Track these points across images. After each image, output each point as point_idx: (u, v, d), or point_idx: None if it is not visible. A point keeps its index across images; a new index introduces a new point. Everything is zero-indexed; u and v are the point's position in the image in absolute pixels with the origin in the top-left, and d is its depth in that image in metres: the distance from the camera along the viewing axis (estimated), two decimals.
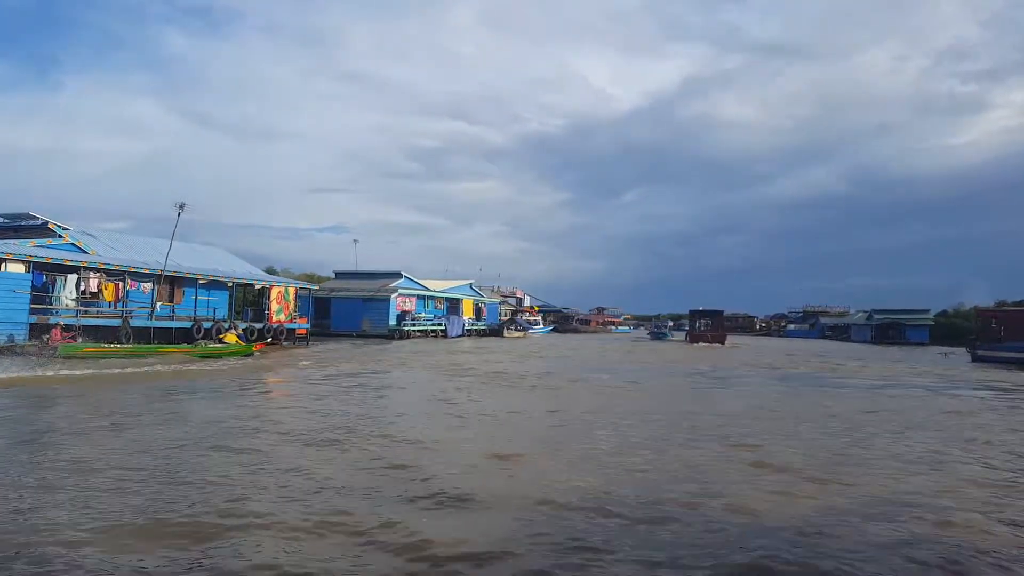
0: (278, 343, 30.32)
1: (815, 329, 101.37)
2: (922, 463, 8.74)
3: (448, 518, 5.78)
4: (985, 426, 12.48)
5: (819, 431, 11.13)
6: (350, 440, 9.06)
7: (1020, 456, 9.45)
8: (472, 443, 9.36)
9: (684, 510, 6.17)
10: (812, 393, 17.87)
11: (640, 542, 5.26)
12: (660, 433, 10.57)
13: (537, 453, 8.74)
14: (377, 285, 48.29)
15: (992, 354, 36.31)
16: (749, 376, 22.96)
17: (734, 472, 7.90)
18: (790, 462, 8.47)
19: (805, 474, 7.84)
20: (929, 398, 17.33)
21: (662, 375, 22.85)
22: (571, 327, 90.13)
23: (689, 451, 9.08)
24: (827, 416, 13.10)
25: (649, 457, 8.60)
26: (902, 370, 29.10)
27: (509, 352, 33.32)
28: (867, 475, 7.91)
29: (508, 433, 10.43)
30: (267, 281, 30.99)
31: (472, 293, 62.08)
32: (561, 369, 23.54)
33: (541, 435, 10.29)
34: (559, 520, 5.75)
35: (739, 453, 9.00)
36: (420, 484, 6.79)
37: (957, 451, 9.70)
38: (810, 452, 9.22)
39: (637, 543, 5.23)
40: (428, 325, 49.88)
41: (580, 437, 10.00)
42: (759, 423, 11.87)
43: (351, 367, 21.38)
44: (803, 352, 45.44)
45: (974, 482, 7.72)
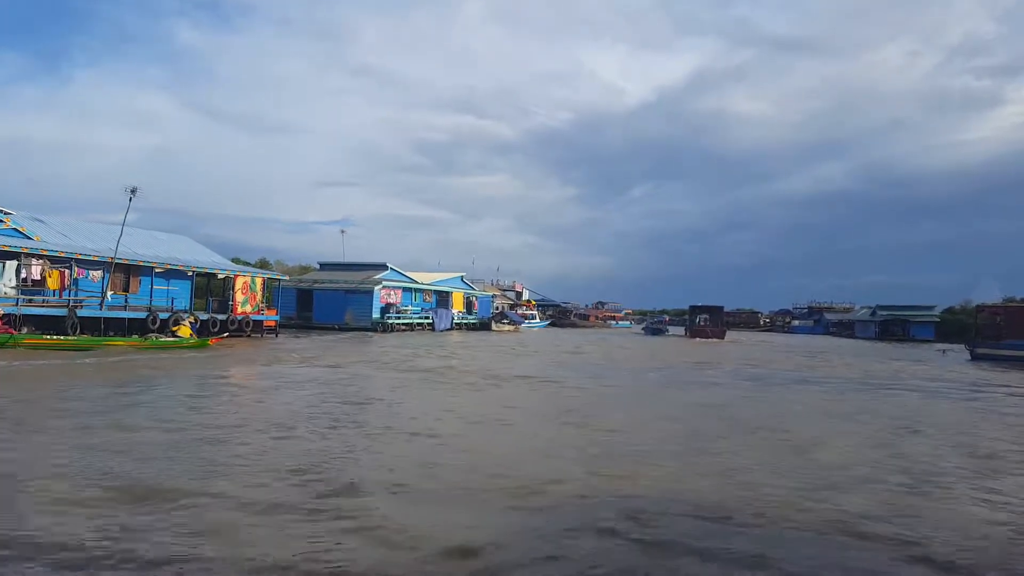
0: (243, 335, 29.32)
1: (819, 325, 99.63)
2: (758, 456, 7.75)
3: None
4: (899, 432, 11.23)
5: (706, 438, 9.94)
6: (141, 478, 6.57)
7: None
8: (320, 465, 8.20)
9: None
10: (765, 395, 16.65)
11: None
12: (548, 440, 9.40)
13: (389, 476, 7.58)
14: (361, 277, 47.28)
15: (991, 352, 34.82)
16: (717, 377, 21.72)
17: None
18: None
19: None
20: (891, 397, 16.06)
21: (621, 373, 21.65)
22: (569, 322, 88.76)
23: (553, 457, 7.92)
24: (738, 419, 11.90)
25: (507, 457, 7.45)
26: (890, 368, 27.74)
27: (485, 348, 32.21)
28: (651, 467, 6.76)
29: (390, 447, 9.28)
30: (232, 270, 29.92)
31: (463, 286, 60.93)
32: (522, 366, 22.37)
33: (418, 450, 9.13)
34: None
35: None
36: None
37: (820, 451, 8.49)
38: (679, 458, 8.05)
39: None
40: (414, 318, 48.82)
41: (451, 445, 8.84)
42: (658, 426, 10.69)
43: (302, 363, 20.28)
44: (799, 348, 44.13)
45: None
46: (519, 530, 5.27)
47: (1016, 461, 8.93)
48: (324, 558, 4.49)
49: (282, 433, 8.80)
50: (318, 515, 5.38)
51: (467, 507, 5.84)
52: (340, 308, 45.47)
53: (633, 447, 8.79)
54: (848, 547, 5.14)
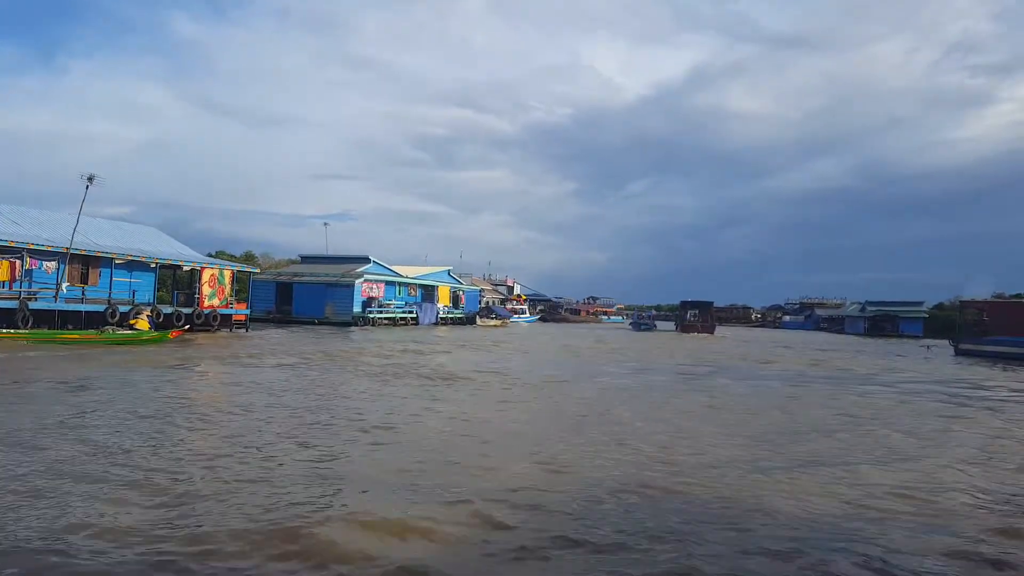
0: (210, 330, 28.63)
1: (810, 321, 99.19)
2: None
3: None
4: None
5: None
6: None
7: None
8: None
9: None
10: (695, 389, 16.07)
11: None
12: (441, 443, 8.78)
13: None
14: (343, 270, 46.57)
15: (975, 347, 34.38)
16: (664, 373, 21.16)
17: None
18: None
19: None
20: (835, 397, 15.48)
21: (580, 369, 21.06)
22: (559, 316, 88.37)
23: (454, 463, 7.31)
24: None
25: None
26: (863, 364, 27.18)
27: (460, 342, 31.62)
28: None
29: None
30: (198, 262, 29.18)
31: (450, 280, 60.26)
32: (487, 360, 21.77)
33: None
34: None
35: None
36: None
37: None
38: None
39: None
40: (398, 312, 48.15)
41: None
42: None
43: (251, 360, 19.63)
44: (779, 343, 43.57)
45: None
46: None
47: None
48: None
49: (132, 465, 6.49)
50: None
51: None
52: (320, 302, 44.76)
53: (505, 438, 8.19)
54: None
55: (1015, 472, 7.97)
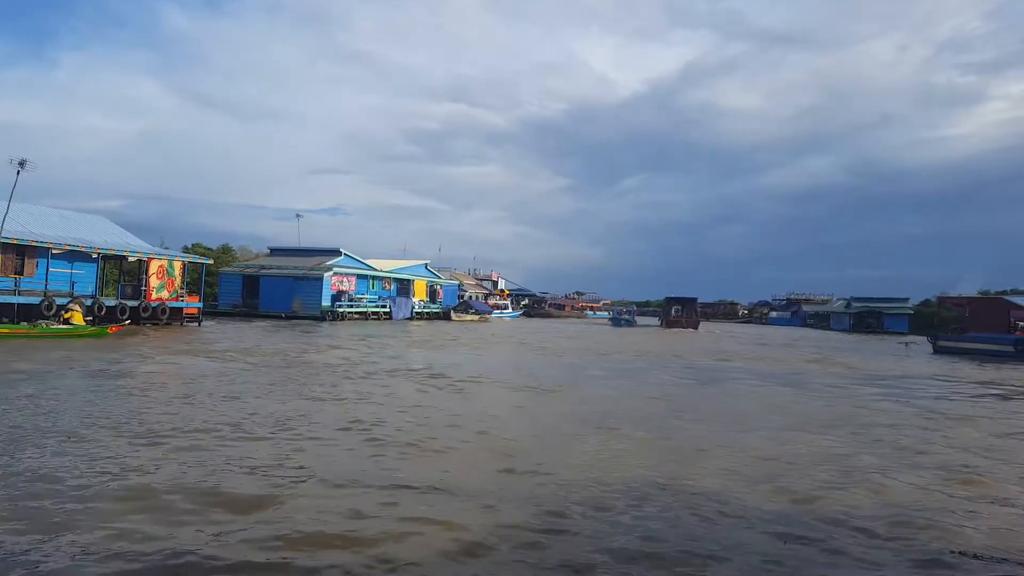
0: (158, 324, 27.45)
1: (797, 317, 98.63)
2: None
3: None
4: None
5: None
6: None
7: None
8: None
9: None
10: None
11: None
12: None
13: None
14: (311, 263, 45.37)
15: (954, 345, 33.56)
16: (637, 367, 20.16)
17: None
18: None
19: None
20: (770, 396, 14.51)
21: (519, 365, 20.04)
22: (543, 312, 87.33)
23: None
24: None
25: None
26: (826, 361, 26.27)
27: (426, 339, 30.57)
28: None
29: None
30: (144, 253, 27.93)
31: (427, 274, 59.15)
32: (433, 359, 20.73)
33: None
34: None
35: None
36: None
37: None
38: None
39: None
40: (370, 307, 46.95)
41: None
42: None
43: (187, 359, 18.51)
44: (757, 339, 42.75)
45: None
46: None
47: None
48: None
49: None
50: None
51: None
52: (288, 296, 43.56)
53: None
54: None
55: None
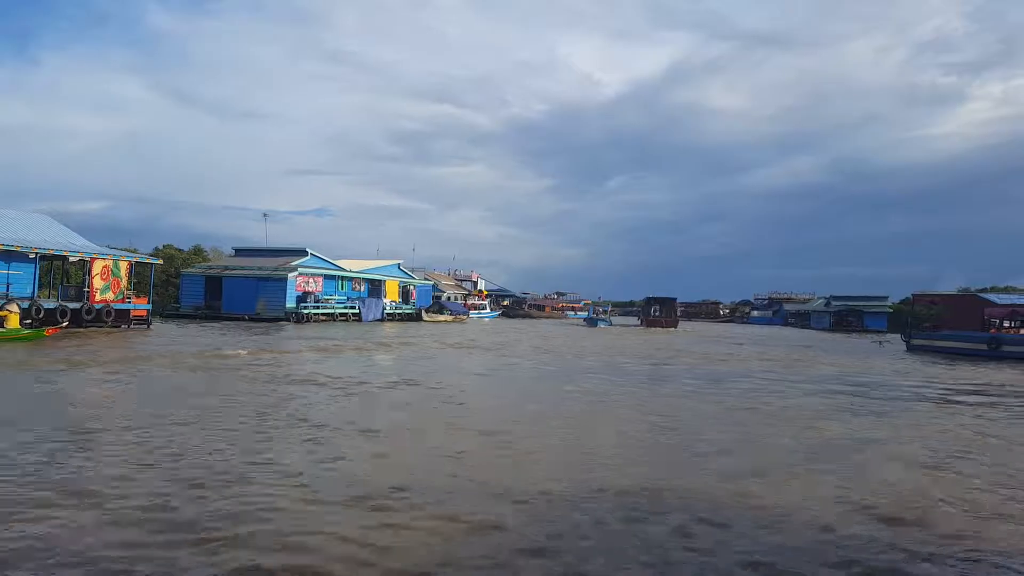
0: (102, 326, 26.21)
1: (778, 316, 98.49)
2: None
3: None
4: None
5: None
6: None
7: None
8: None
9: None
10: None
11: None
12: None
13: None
14: (276, 263, 44.13)
15: (928, 343, 32.95)
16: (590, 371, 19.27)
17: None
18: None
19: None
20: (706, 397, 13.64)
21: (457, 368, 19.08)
22: (522, 312, 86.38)
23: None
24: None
25: None
26: (797, 360, 25.53)
27: (378, 343, 29.52)
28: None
29: None
30: (87, 252, 26.65)
31: (400, 274, 57.96)
32: (372, 368, 19.70)
33: None
34: None
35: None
36: None
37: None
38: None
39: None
40: (338, 308, 45.70)
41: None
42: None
43: (115, 366, 17.35)
44: (731, 338, 42.12)
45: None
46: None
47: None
48: None
49: None
50: None
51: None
52: (252, 297, 42.28)
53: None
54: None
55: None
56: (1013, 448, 9.15)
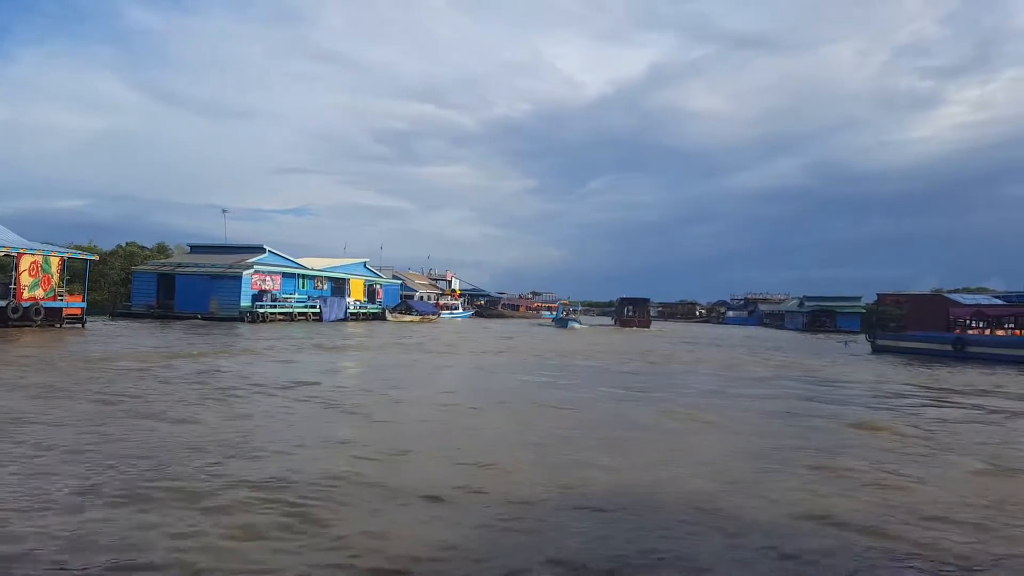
0: (30, 325, 24.76)
1: (753, 316, 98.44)
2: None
3: None
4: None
5: None
6: None
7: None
8: None
9: None
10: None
11: None
12: None
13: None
14: (233, 261, 42.67)
15: (893, 344, 32.38)
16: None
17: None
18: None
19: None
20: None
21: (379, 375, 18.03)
22: (496, 312, 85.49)
23: None
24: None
25: None
26: (739, 362, 24.75)
27: (313, 345, 28.36)
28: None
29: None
30: (13, 247, 25.16)
31: (366, 273, 56.69)
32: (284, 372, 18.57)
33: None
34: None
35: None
36: None
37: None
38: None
39: None
40: (297, 307, 44.28)
41: None
42: None
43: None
44: (696, 338, 41.40)
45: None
46: None
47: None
48: None
49: None
50: None
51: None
52: (205, 295, 40.81)
53: None
54: None
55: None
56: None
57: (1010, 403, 14.33)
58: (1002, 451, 8.87)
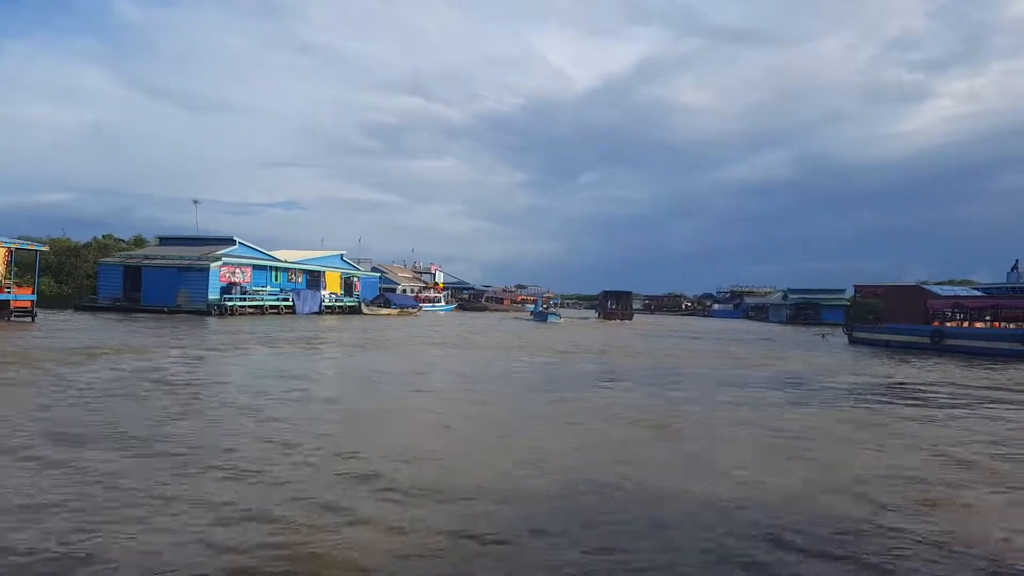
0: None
1: (739, 309, 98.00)
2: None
3: None
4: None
5: None
6: None
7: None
8: None
9: None
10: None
11: None
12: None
13: None
14: (201, 253, 41.61)
15: (869, 336, 31.82)
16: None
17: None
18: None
19: None
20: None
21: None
22: (479, 305, 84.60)
23: None
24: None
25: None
26: (723, 355, 24.10)
27: (265, 342, 27.49)
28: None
29: None
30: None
31: (342, 265, 55.65)
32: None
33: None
34: None
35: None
36: None
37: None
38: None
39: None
40: (268, 300, 43.27)
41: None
42: None
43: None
44: (677, 331, 40.80)
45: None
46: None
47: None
48: None
49: None
50: None
51: None
52: (172, 288, 39.75)
53: None
54: None
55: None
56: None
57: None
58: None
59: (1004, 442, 9.06)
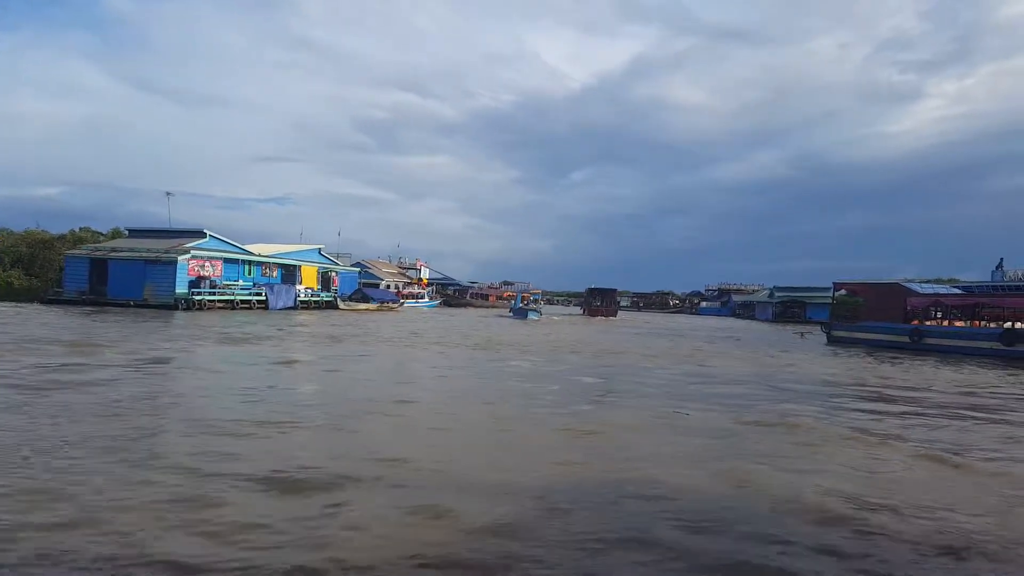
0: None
1: (727, 307, 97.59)
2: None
3: None
4: None
5: None
6: None
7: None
8: None
9: None
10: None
11: None
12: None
13: None
14: (170, 245, 40.56)
15: (848, 335, 31.18)
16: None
17: None
18: None
19: None
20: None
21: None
22: (464, 301, 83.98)
23: None
24: None
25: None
26: (694, 353, 23.37)
27: (220, 340, 26.60)
28: None
29: None
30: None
31: (320, 259, 54.65)
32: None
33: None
34: None
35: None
36: None
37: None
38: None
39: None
40: (240, 294, 42.25)
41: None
42: None
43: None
44: (658, 328, 40.13)
45: None
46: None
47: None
48: None
49: None
50: None
51: None
52: (139, 281, 38.70)
53: None
54: None
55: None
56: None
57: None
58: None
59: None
